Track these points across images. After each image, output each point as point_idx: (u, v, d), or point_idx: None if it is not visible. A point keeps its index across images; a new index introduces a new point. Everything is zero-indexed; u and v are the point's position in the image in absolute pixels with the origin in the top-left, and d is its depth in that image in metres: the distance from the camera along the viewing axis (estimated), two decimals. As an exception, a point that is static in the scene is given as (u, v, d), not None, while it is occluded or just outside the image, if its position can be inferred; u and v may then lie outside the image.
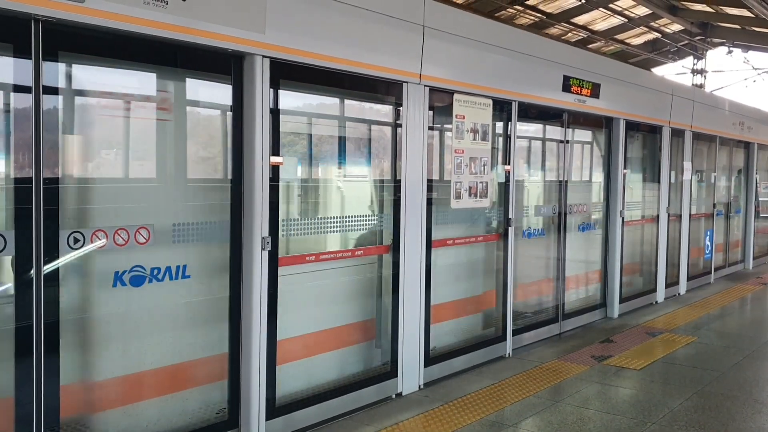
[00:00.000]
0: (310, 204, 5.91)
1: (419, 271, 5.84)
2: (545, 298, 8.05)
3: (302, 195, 5.76)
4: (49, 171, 3.61)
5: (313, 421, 5.01)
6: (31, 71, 3.49)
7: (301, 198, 5.73)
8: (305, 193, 5.83)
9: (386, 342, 5.74)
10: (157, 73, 4.36)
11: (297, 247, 5.19)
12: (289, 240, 5.10)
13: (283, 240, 4.90)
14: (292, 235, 5.13)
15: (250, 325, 4.55)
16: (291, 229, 5.13)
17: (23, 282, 3.57)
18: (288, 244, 5.07)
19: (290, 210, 5.44)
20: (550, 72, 7.36)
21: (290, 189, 5.45)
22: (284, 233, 4.95)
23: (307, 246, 5.29)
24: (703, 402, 5.68)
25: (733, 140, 12.95)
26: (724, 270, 12.87)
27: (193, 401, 4.54)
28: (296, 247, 5.18)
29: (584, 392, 5.87)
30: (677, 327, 8.38)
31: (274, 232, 4.65)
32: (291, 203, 5.47)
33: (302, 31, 4.71)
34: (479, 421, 5.16)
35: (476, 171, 6.31)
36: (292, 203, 5.51)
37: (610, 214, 8.95)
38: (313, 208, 5.93)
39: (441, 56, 5.87)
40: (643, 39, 22.32)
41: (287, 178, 5.12)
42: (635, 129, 9.43)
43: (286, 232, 5.04)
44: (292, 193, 5.54)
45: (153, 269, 4.19)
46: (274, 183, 4.63)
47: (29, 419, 3.59)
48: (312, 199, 5.94)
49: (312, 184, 5.91)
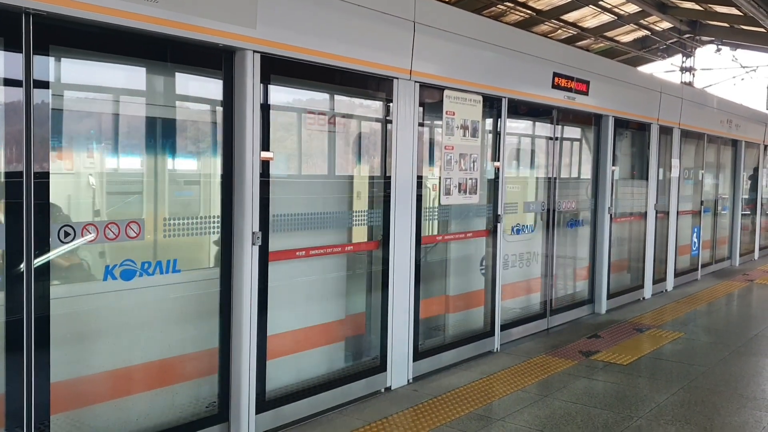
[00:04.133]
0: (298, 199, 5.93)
1: (409, 266, 5.87)
2: (533, 294, 8.10)
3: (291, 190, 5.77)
4: (38, 165, 3.59)
5: (303, 415, 5.03)
6: (22, 65, 3.49)
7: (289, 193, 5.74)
8: (294, 189, 5.84)
9: (375, 337, 5.77)
10: (146, 68, 4.37)
11: (287, 242, 5.20)
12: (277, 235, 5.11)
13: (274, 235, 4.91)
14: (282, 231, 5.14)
15: (240, 320, 4.57)
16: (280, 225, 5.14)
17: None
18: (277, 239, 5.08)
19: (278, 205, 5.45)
20: (540, 69, 7.40)
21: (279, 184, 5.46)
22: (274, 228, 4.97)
23: (295, 241, 5.29)
24: (689, 397, 5.74)
25: (721, 138, 13.03)
26: (711, 267, 12.97)
27: (183, 395, 4.55)
28: (286, 242, 5.19)
29: (572, 387, 5.92)
30: (664, 323, 8.45)
31: (265, 227, 4.66)
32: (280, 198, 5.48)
33: (293, 26, 4.72)
34: (467, 415, 5.19)
35: (466, 167, 6.34)
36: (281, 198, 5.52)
37: (599, 210, 9.00)
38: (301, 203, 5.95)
39: (431, 52, 5.89)
40: (632, 36, 22.41)
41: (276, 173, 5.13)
42: (624, 126, 9.49)
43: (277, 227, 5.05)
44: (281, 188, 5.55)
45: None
46: (265, 178, 4.64)
47: (20, 414, 3.59)
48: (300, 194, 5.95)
49: (300, 179, 5.91)
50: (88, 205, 4.46)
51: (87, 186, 4.43)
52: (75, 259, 4.05)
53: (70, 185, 4.26)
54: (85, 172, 4.39)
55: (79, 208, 4.37)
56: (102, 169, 4.56)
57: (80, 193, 4.40)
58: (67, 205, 4.19)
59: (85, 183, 4.41)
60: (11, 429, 3.59)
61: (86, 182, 4.42)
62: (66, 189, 4.17)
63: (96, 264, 4.16)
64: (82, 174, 4.37)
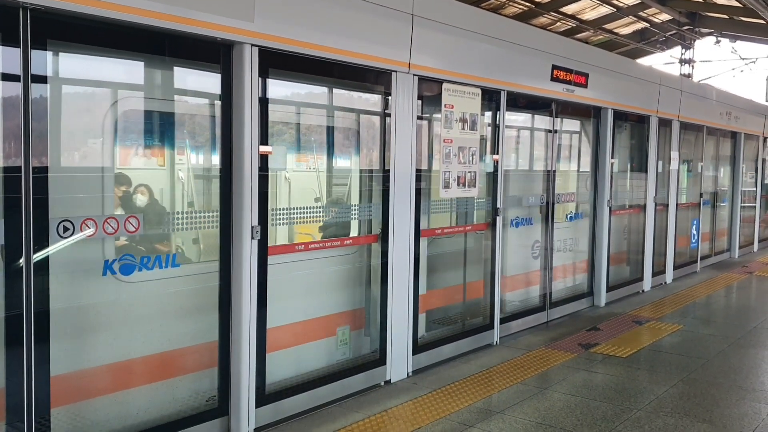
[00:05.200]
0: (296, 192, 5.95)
1: (408, 260, 5.87)
2: (532, 287, 8.11)
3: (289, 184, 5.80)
4: (37, 160, 3.60)
5: (303, 408, 5.04)
6: (20, 60, 3.48)
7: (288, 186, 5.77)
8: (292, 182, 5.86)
9: (375, 330, 5.77)
10: (144, 62, 4.36)
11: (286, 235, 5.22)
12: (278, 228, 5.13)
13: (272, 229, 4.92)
14: (280, 224, 5.15)
15: (239, 314, 4.58)
16: (279, 219, 5.15)
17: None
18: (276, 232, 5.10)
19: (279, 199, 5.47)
20: (539, 61, 7.39)
21: (278, 178, 5.47)
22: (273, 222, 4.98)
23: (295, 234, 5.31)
24: (688, 389, 5.75)
25: (721, 130, 13.02)
26: (710, 259, 12.98)
27: (183, 389, 4.56)
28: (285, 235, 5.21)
29: (571, 379, 5.93)
30: (663, 315, 8.47)
31: (264, 221, 4.67)
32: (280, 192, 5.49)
33: (291, 19, 4.71)
34: (467, 408, 5.20)
35: (465, 160, 6.33)
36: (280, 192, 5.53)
37: (598, 203, 9.00)
38: (300, 196, 5.96)
39: (430, 45, 5.88)
40: (631, 29, 22.35)
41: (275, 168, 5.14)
42: (623, 119, 9.48)
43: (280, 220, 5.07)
44: (280, 181, 5.56)
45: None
46: (263, 172, 4.64)
47: (20, 408, 3.60)
48: (299, 187, 5.97)
49: (300, 172, 5.93)
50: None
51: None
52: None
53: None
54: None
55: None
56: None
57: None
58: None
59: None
60: (12, 423, 3.60)
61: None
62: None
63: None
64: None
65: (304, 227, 5.49)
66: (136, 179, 4.56)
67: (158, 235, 4.45)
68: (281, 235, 5.43)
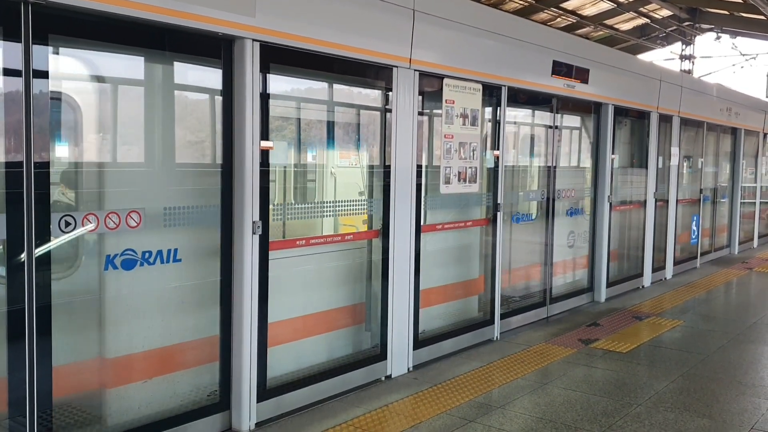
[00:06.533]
0: (300, 188, 5.95)
1: (408, 255, 5.87)
2: (533, 283, 8.12)
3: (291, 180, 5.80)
4: (38, 156, 3.60)
5: (304, 403, 5.05)
6: (22, 55, 3.48)
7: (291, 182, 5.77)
8: (294, 178, 5.86)
9: (375, 325, 5.78)
10: (144, 57, 4.36)
11: (288, 231, 5.23)
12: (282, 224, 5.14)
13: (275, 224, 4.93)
14: (283, 220, 5.16)
15: (241, 309, 4.58)
16: (280, 214, 5.16)
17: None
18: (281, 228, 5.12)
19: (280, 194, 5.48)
20: (540, 57, 7.38)
21: (279, 173, 5.48)
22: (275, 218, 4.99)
23: (296, 230, 5.31)
24: (688, 384, 5.76)
25: (721, 126, 13.02)
26: (710, 255, 12.99)
27: (185, 383, 4.57)
28: (288, 231, 5.22)
29: (571, 375, 5.94)
30: (663, 311, 8.48)
31: (265, 216, 4.67)
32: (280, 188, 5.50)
33: (292, 14, 4.71)
34: (468, 403, 5.22)
35: (466, 156, 6.33)
36: (281, 188, 5.54)
37: (598, 199, 9.01)
38: (302, 192, 5.96)
39: (431, 40, 5.88)
40: (632, 24, 22.32)
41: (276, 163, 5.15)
42: (624, 114, 9.48)
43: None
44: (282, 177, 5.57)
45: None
46: (264, 168, 4.64)
47: (22, 401, 3.61)
48: (301, 183, 5.97)
49: (300, 169, 5.93)
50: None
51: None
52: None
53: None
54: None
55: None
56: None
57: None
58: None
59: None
60: (13, 415, 3.61)
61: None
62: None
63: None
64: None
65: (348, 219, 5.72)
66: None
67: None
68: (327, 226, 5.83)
